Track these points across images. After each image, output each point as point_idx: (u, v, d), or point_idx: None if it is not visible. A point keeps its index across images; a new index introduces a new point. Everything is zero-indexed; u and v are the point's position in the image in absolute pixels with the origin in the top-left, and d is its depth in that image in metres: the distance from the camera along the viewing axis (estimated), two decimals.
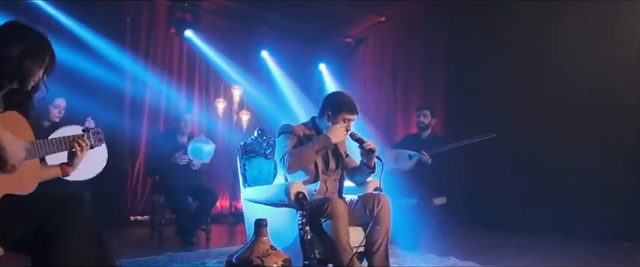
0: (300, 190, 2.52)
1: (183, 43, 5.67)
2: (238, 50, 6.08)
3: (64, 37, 4.61)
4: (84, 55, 4.74)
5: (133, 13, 5.42)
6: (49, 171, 1.94)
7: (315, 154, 2.67)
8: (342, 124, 2.78)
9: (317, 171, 2.76)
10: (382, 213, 2.75)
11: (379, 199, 2.76)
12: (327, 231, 2.52)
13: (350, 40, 7.34)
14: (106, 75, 4.93)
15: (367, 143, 2.78)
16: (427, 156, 4.35)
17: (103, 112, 4.62)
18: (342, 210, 2.55)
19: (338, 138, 2.67)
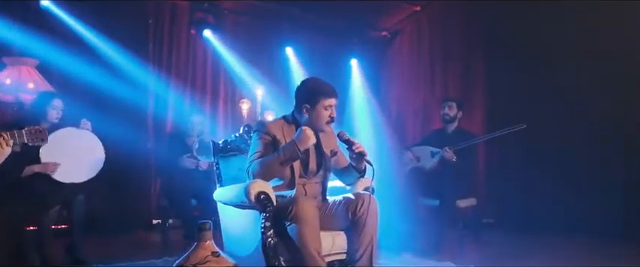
0: (263, 190, 2.25)
1: (205, 44, 5.58)
2: (261, 49, 5.92)
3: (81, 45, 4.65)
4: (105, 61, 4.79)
5: (155, 15, 5.41)
6: None
7: (282, 167, 2.36)
8: (323, 114, 2.48)
9: (293, 175, 2.45)
10: (367, 216, 2.42)
11: (363, 200, 2.42)
12: (292, 236, 2.23)
13: (385, 33, 6.95)
14: (129, 82, 4.90)
15: (356, 145, 2.46)
16: (450, 152, 3.90)
17: (127, 116, 4.70)
18: (310, 212, 2.24)
19: (307, 143, 2.34)
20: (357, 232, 2.44)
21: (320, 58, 6.24)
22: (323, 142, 2.62)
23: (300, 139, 2.33)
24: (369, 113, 6.42)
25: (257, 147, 2.45)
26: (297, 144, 2.32)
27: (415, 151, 4.23)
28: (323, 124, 2.51)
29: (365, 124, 6.28)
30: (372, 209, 2.45)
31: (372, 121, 6.35)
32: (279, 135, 2.48)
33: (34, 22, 4.38)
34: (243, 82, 5.77)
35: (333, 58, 6.43)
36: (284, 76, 6.03)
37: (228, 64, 5.73)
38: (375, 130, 6.31)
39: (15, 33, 4.20)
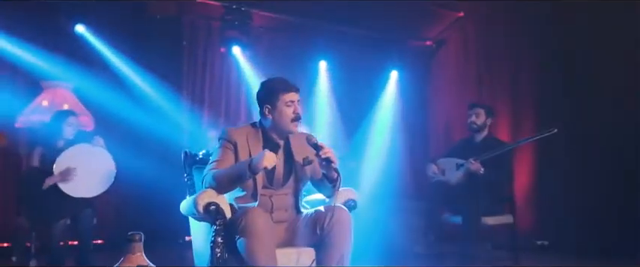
0: (212, 201, 2.10)
1: (236, 62, 5.62)
2: (293, 64, 5.83)
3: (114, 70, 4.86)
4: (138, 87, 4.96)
5: (189, 36, 5.56)
6: None
7: (235, 184, 2.20)
8: (286, 111, 2.30)
9: (255, 186, 2.27)
10: (335, 231, 2.18)
11: (332, 214, 2.18)
12: (241, 251, 2.05)
13: (430, 42, 6.60)
14: (163, 113, 5.02)
15: (324, 150, 2.23)
16: (477, 164, 3.50)
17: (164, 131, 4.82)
18: (261, 225, 2.05)
19: (261, 165, 2.10)
20: (325, 250, 2.20)
21: (355, 72, 6.06)
22: (295, 149, 2.42)
23: (257, 159, 2.14)
24: (406, 125, 6.07)
25: (216, 155, 2.32)
26: (251, 164, 2.13)
27: (440, 163, 3.86)
28: (288, 123, 2.32)
29: (398, 138, 5.94)
30: (342, 224, 2.20)
31: (408, 134, 6.00)
32: (241, 141, 2.33)
33: (69, 47, 4.65)
34: None
35: (370, 71, 6.19)
36: (318, 92, 5.89)
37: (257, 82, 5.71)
38: (414, 143, 5.98)
39: (51, 58, 4.47)
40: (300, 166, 2.39)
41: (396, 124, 6.03)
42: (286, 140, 2.42)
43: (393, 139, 5.92)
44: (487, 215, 3.50)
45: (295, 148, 2.42)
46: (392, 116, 6.02)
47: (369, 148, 5.67)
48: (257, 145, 2.33)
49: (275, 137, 2.39)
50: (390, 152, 5.76)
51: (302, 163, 2.36)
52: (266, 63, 5.84)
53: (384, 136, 5.85)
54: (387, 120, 5.96)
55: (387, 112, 6.02)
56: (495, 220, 3.52)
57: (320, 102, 5.81)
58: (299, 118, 2.33)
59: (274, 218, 2.32)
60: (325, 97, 5.84)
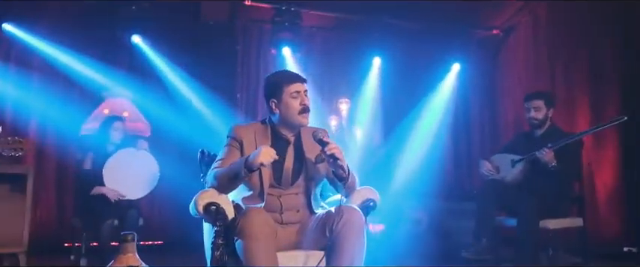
0: (212, 201, 2.01)
1: (286, 63, 5.58)
2: (346, 63, 5.69)
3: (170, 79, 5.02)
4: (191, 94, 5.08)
5: (243, 40, 5.63)
6: None
7: (232, 183, 2.09)
8: (292, 103, 2.18)
9: (262, 185, 2.15)
10: (344, 233, 2.00)
11: (342, 215, 2.01)
12: (239, 253, 1.93)
13: (497, 31, 6.09)
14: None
15: (330, 146, 2.07)
16: (550, 153, 3.09)
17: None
18: (258, 227, 1.92)
19: (258, 161, 1.98)
20: (334, 253, 2.02)
21: (412, 67, 5.76)
22: (307, 145, 2.27)
23: (253, 156, 2.02)
24: (465, 120, 5.63)
25: (221, 153, 2.23)
26: (247, 161, 2.02)
27: (495, 159, 3.49)
28: (296, 115, 2.18)
29: (452, 133, 5.53)
30: (352, 226, 2.01)
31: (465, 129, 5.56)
32: (248, 139, 2.22)
33: (126, 58, 4.89)
34: (327, 98, 5.59)
35: (429, 65, 5.84)
36: (372, 89, 5.66)
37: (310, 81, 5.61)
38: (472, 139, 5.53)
39: (110, 69, 4.73)
40: (311, 164, 2.23)
41: (451, 120, 5.64)
42: (297, 136, 2.28)
43: (446, 135, 5.52)
44: (549, 217, 3.07)
45: (307, 144, 2.27)
46: (446, 111, 5.63)
47: (419, 145, 5.32)
48: (265, 142, 2.21)
49: (284, 133, 2.26)
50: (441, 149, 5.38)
51: (314, 161, 2.21)
52: (319, 63, 5.79)
53: (436, 132, 5.46)
54: (439, 115, 5.58)
55: (442, 107, 5.63)
56: (558, 224, 3.08)
57: (367, 99, 5.56)
58: (307, 109, 2.19)
59: (284, 219, 2.18)
60: (373, 94, 5.57)
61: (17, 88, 4.53)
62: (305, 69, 5.71)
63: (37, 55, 4.58)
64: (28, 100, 4.53)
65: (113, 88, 4.76)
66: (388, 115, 5.52)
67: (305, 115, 2.20)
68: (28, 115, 4.54)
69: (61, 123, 4.41)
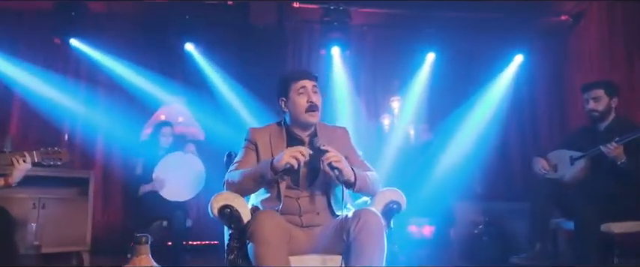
0: (227, 204, 2.00)
1: (334, 63, 5.50)
2: (397, 60, 5.51)
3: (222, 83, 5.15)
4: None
5: (294, 40, 5.66)
6: None
7: (257, 184, 2.05)
8: (299, 101, 2.12)
9: (278, 187, 2.11)
10: (362, 237, 1.91)
11: (359, 218, 1.92)
12: (250, 257, 1.90)
13: (565, 17, 5.61)
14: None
15: (327, 156, 1.99)
16: (619, 148, 2.76)
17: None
18: (270, 230, 1.87)
19: (282, 163, 1.95)
20: (352, 258, 1.92)
21: (470, 61, 5.46)
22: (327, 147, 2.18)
23: (278, 158, 1.98)
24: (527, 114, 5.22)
25: (238, 156, 2.22)
26: (272, 163, 1.98)
27: (551, 157, 3.18)
28: (302, 113, 2.12)
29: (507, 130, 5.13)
30: (369, 229, 1.90)
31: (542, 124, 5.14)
32: (263, 141, 2.18)
33: (180, 65, 5.09)
34: (378, 98, 5.46)
35: (488, 58, 5.50)
36: (423, 86, 5.44)
37: (359, 81, 5.52)
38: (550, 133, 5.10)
39: (166, 76, 4.95)
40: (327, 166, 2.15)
41: (511, 115, 5.26)
42: (312, 136, 2.21)
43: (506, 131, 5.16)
44: (613, 220, 2.74)
45: (329, 145, 2.19)
46: (505, 106, 5.26)
47: (471, 142, 5.01)
48: (280, 144, 2.17)
49: (299, 133, 2.20)
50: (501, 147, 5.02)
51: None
52: (370, 61, 5.69)
53: (492, 129, 5.11)
54: (496, 111, 5.22)
55: (500, 102, 5.26)
56: (625, 228, 2.73)
57: (419, 96, 5.33)
58: (314, 107, 2.11)
59: (304, 222, 2.12)
60: (425, 91, 5.33)
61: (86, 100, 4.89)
62: (355, 68, 5.66)
63: (102, 69, 4.90)
64: (95, 110, 4.89)
65: (169, 95, 4.95)
66: (440, 112, 5.26)
67: (312, 114, 2.12)
68: (95, 124, 4.86)
69: (125, 131, 4.66)
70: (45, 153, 2.30)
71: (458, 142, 4.93)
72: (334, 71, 5.40)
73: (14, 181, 2.26)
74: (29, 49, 4.92)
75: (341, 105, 5.44)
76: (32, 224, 3.42)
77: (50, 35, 4.83)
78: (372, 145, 5.13)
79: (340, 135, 2.29)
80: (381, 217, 1.98)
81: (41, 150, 2.30)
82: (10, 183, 2.26)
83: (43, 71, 4.80)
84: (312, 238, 2.09)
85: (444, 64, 5.37)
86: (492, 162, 5.00)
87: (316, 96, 2.14)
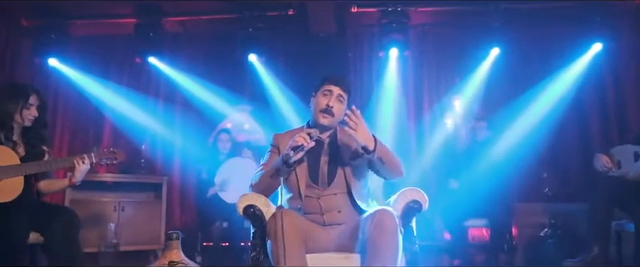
0: (252, 204, 2.13)
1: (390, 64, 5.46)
2: (462, 57, 5.35)
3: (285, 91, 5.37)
4: None
5: (354, 47, 5.73)
6: (59, 183, 2.59)
7: (273, 179, 2.16)
8: (321, 101, 2.21)
9: (298, 186, 2.20)
10: (375, 236, 1.95)
11: (374, 217, 1.97)
12: (268, 254, 2.01)
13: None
14: None
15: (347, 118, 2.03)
16: None
17: None
18: (285, 228, 1.95)
19: (292, 143, 2.07)
20: (367, 256, 1.95)
21: (539, 53, 5.14)
22: (343, 142, 2.25)
23: (287, 147, 2.09)
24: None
25: (263, 159, 2.34)
26: (284, 154, 2.09)
27: (614, 153, 2.92)
28: (317, 112, 2.21)
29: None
30: (383, 228, 1.93)
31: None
32: (284, 143, 2.27)
33: (245, 75, 5.40)
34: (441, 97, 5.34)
35: (561, 48, 5.14)
36: (485, 82, 5.21)
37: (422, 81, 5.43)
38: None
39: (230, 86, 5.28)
40: (349, 163, 2.20)
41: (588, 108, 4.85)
42: (333, 137, 2.27)
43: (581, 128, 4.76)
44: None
45: (343, 142, 2.26)
46: (578, 99, 4.87)
47: (533, 141, 4.69)
48: None
49: (318, 136, 2.27)
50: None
51: (351, 158, 2.22)
52: (433, 60, 5.60)
53: (562, 125, 4.76)
54: (567, 104, 4.84)
55: (572, 94, 4.87)
56: None
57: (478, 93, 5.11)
58: (329, 110, 2.18)
59: (326, 221, 2.19)
60: (485, 87, 5.10)
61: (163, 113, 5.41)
62: (416, 68, 5.59)
63: (175, 84, 5.37)
64: (170, 121, 5.36)
65: (235, 105, 5.27)
66: (501, 109, 5.00)
67: (324, 115, 2.19)
68: (170, 134, 5.32)
69: (196, 140, 5.05)
70: (102, 154, 2.58)
71: (519, 140, 4.66)
72: (388, 72, 5.35)
73: (77, 181, 2.50)
74: (117, 71, 5.56)
75: (388, 107, 5.40)
76: (112, 224, 3.82)
77: (133, 56, 5.39)
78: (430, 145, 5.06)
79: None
80: (396, 217, 1.98)
81: (99, 151, 2.59)
82: (74, 182, 2.51)
83: (127, 89, 5.38)
84: (334, 237, 2.15)
85: (507, 60, 5.11)
86: (560, 161, 4.67)
87: (337, 103, 2.20)
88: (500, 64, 5.13)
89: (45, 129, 2.61)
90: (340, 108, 2.22)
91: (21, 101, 2.45)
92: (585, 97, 5.06)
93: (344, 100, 2.24)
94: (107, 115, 5.40)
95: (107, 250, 3.74)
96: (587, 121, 5.07)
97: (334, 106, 2.19)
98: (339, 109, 2.21)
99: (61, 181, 2.61)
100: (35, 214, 2.36)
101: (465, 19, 5.44)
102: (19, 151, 2.50)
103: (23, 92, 2.48)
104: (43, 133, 2.59)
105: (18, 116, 2.47)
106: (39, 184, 2.57)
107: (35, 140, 2.55)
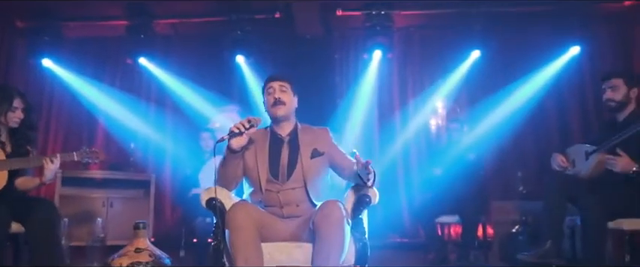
0: (214, 197, 2.29)
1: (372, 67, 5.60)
2: (444, 59, 5.49)
3: None
4: None
5: (340, 48, 5.89)
6: (33, 181, 2.72)
7: (225, 168, 2.33)
8: (268, 100, 2.41)
9: (259, 181, 2.36)
10: (322, 226, 2.10)
11: (322, 208, 2.13)
12: (226, 243, 2.17)
13: (628, 2, 5.19)
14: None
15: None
16: (623, 158, 2.61)
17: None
18: (239, 220, 2.13)
19: (234, 144, 2.25)
20: (315, 245, 2.11)
21: (517, 55, 5.28)
22: (304, 142, 2.40)
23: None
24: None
25: None
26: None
27: (570, 152, 3.06)
28: (270, 108, 2.39)
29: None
30: (329, 219, 2.07)
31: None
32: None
33: (231, 76, 5.56)
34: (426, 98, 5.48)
35: (540, 51, 5.26)
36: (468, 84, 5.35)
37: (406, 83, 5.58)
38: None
39: (219, 87, 5.44)
40: (307, 160, 2.36)
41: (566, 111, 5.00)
42: (293, 135, 2.43)
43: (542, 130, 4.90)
44: (626, 216, 2.59)
45: (303, 141, 2.41)
46: (548, 101, 5.03)
47: (511, 142, 4.84)
48: (262, 143, 2.42)
49: (279, 132, 2.44)
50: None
51: (310, 156, 2.37)
52: (417, 62, 5.75)
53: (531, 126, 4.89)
54: (537, 107, 4.99)
55: (543, 96, 5.02)
56: (638, 225, 2.57)
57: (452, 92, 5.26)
58: (276, 102, 2.34)
59: (285, 213, 2.34)
60: (462, 90, 5.25)
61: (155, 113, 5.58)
62: (401, 69, 5.73)
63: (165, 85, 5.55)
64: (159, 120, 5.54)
65: (224, 105, 5.43)
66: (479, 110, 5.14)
67: (276, 107, 2.36)
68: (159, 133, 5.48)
69: (185, 138, 5.21)
70: (84, 153, 2.74)
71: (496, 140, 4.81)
72: (371, 73, 5.50)
73: (46, 179, 2.63)
74: (109, 72, 5.75)
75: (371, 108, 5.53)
76: (100, 219, 3.99)
77: (124, 57, 5.57)
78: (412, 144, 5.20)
79: (321, 134, 2.47)
80: (343, 209, 2.12)
81: (80, 150, 2.75)
82: (44, 181, 2.65)
83: (119, 90, 5.57)
84: (290, 227, 2.31)
85: (487, 62, 5.25)
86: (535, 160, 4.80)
87: (282, 93, 2.37)
88: (481, 67, 5.26)
89: (32, 131, 2.77)
90: (287, 96, 2.38)
91: (5, 104, 2.61)
92: (561, 98, 5.20)
93: (287, 89, 2.40)
94: (100, 115, 5.58)
95: (94, 245, 3.90)
96: (562, 122, 5.21)
97: (280, 96, 2.36)
98: (287, 97, 2.38)
99: (34, 180, 2.73)
100: (16, 206, 2.52)
101: (447, 22, 5.58)
102: (6, 149, 2.66)
103: (7, 95, 2.64)
104: (29, 135, 2.74)
105: (2, 118, 2.63)
106: (16, 180, 2.70)
107: (22, 141, 2.71)
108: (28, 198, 2.76)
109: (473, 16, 5.27)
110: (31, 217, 2.48)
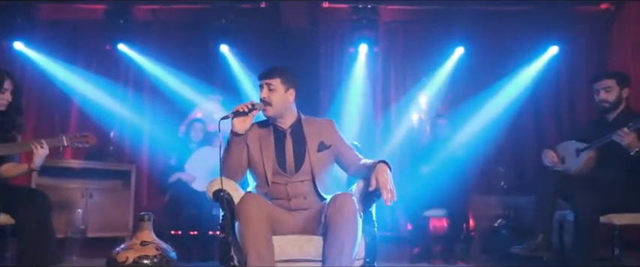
0: (221, 188, 2.23)
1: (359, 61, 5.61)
2: (428, 55, 5.56)
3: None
4: None
5: (325, 40, 5.86)
6: (19, 167, 2.59)
7: (228, 155, 2.29)
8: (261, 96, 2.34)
9: (265, 173, 2.32)
10: (335, 220, 2.07)
11: (334, 201, 2.10)
12: (237, 236, 2.12)
13: (605, 5, 5.39)
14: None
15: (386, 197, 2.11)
16: (631, 135, 2.65)
17: None
18: (252, 210, 2.09)
19: (237, 126, 2.24)
20: (327, 238, 2.09)
21: (499, 53, 5.40)
22: (310, 135, 2.37)
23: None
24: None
25: None
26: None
27: (560, 149, 3.15)
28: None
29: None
30: (343, 212, 2.06)
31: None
32: (253, 136, 2.38)
33: (216, 66, 5.45)
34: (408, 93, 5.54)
35: (521, 49, 5.41)
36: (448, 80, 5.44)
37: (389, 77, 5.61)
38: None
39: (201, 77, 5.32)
40: (314, 153, 2.33)
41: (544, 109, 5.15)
42: (295, 127, 2.39)
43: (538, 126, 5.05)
44: (616, 211, 2.70)
45: (309, 133, 2.38)
46: (532, 99, 5.20)
47: (491, 136, 4.97)
48: (266, 136, 2.39)
49: (280, 125, 2.40)
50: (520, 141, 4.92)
51: (317, 150, 2.34)
52: (401, 57, 5.78)
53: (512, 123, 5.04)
54: (522, 104, 5.15)
55: (527, 94, 5.17)
56: (628, 219, 2.68)
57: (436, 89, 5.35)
58: (264, 100, 2.31)
59: (293, 206, 2.31)
60: (447, 86, 5.34)
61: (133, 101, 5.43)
62: (384, 63, 5.75)
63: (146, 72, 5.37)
64: (140, 109, 5.37)
65: (206, 95, 5.32)
66: (462, 106, 5.24)
67: (264, 108, 2.32)
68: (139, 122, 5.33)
69: (166, 129, 5.08)
70: (74, 137, 2.61)
71: (478, 135, 4.92)
72: (358, 67, 5.51)
73: (35, 166, 2.50)
74: (85, 57, 5.52)
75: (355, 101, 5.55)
76: (79, 210, 3.84)
77: (102, 42, 5.35)
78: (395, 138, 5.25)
79: (326, 127, 2.44)
80: (356, 202, 2.12)
81: (70, 135, 2.62)
82: (32, 167, 2.52)
83: (96, 76, 5.36)
84: (299, 220, 2.28)
85: (470, 59, 5.35)
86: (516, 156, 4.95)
87: (271, 93, 2.30)
88: (464, 63, 5.35)
89: (19, 115, 2.62)
90: (275, 94, 2.31)
91: None
92: (540, 96, 5.37)
93: (276, 86, 2.31)
94: (74, 101, 5.36)
95: (74, 236, 3.76)
96: (542, 119, 5.38)
97: (267, 96, 2.30)
98: (275, 96, 2.31)
99: (21, 166, 2.59)
100: (5, 196, 2.39)
101: (433, 18, 5.64)
102: None
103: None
104: (16, 119, 2.60)
105: None
106: (0, 167, 2.56)
107: (8, 125, 2.56)
108: (17, 187, 2.61)
109: (457, 14, 5.36)
110: (21, 208, 2.35)
